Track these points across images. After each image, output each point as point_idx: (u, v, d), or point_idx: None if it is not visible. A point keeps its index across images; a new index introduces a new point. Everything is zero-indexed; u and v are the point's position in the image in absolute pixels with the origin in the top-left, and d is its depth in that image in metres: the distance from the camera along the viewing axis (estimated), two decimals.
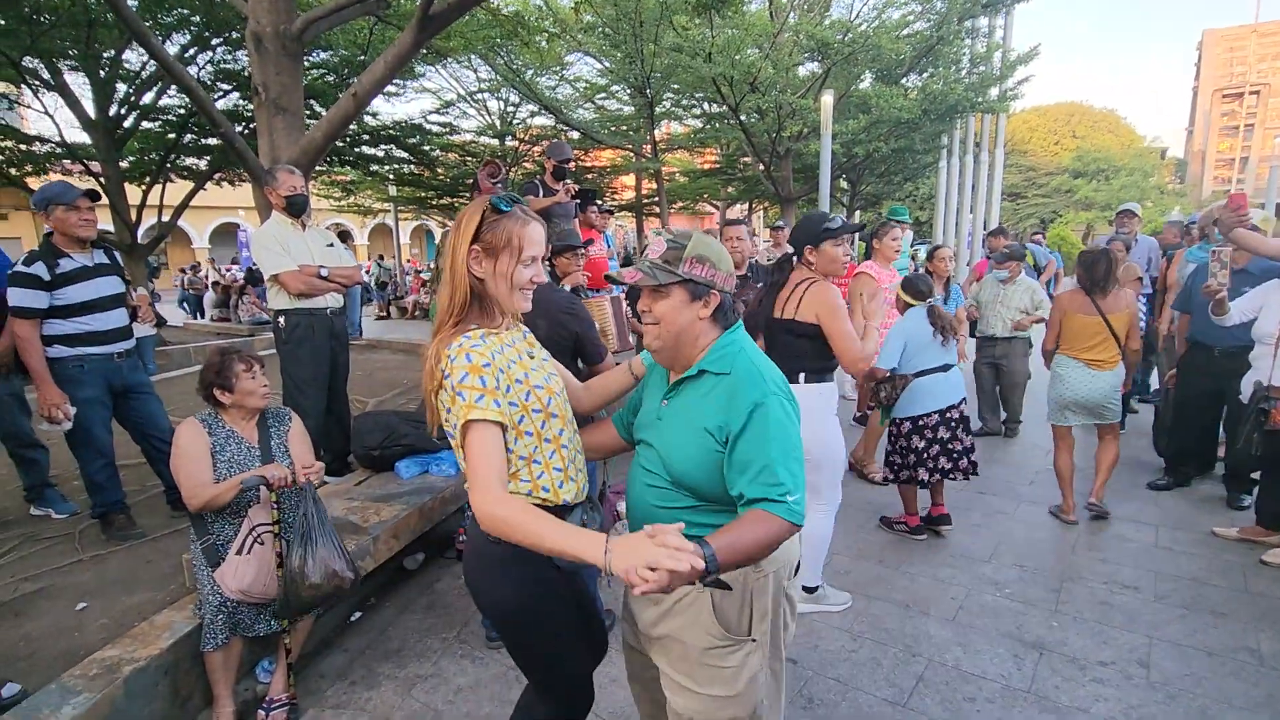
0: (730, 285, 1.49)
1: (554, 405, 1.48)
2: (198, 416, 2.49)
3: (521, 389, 1.43)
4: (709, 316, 1.46)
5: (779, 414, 1.34)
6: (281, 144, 4.20)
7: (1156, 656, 2.59)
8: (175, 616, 2.38)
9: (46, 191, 3.04)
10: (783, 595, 1.47)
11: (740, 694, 1.42)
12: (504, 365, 1.41)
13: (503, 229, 1.41)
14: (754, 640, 1.42)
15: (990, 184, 16.31)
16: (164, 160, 10.52)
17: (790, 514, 1.27)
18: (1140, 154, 43.58)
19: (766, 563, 1.40)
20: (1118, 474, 4.51)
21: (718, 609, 1.40)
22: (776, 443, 1.31)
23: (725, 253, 1.50)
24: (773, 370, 1.44)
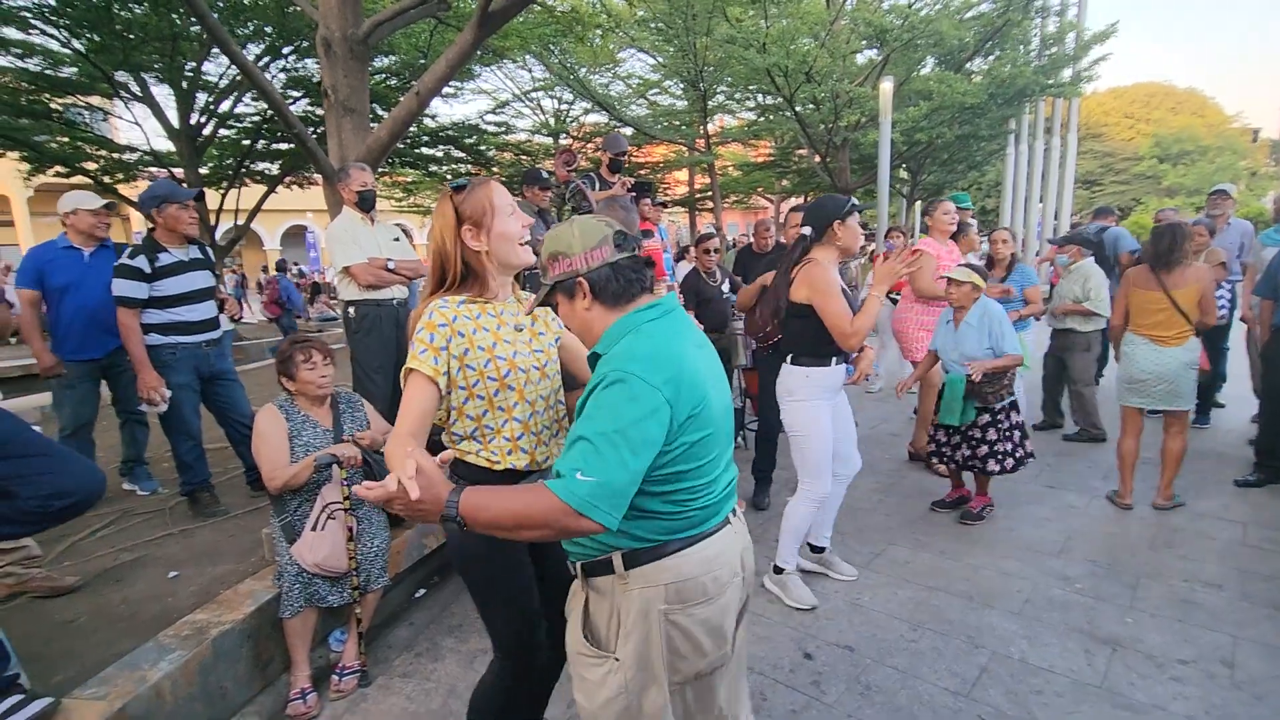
0: (599, 258, 1.33)
1: (512, 378, 1.56)
2: (276, 403, 2.64)
3: (482, 355, 1.53)
4: (593, 304, 1.35)
5: (616, 394, 1.19)
6: (349, 143, 4.38)
7: (1242, 656, 2.45)
8: (256, 586, 2.54)
9: (158, 190, 3.28)
10: (664, 621, 1.28)
11: (598, 710, 1.32)
12: (466, 330, 1.52)
13: (473, 199, 1.56)
14: (616, 659, 1.29)
15: (1062, 171, 15.58)
16: (239, 165, 11.11)
17: (564, 492, 1.14)
18: (1229, 135, 40.74)
19: (634, 577, 1.28)
20: (1202, 468, 4.30)
21: (589, 612, 1.36)
22: (597, 420, 1.18)
23: (582, 228, 1.35)
24: (653, 351, 1.24)
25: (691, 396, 1.24)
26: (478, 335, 1.54)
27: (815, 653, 2.55)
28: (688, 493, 1.29)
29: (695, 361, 1.29)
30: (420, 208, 20.40)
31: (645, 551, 1.29)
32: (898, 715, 2.21)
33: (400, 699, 2.41)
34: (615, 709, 1.30)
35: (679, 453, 1.25)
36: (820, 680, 2.40)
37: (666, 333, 1.31)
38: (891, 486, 4.22)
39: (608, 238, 1.34)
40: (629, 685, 1.29)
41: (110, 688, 1.96)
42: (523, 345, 1.61)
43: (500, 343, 1.56)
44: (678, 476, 1.27)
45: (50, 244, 3.55)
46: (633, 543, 1.29)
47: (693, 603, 1.29)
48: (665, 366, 1.22)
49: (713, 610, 1.31)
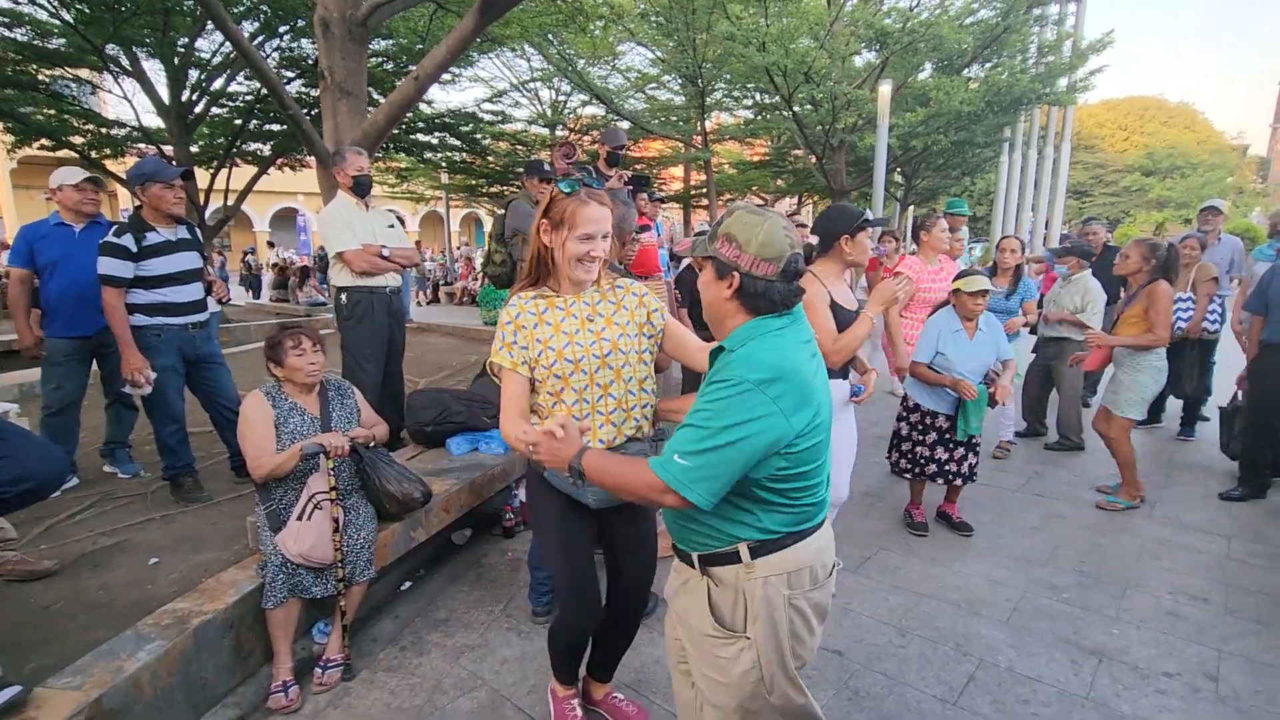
0: (766, 271, 1.35)
1: (558, 368, 1.73)
2: (263, 389, 2.59)
3: (537, 348, 1.73)
4: (733, 298, 1.38)
5: (728, 391, 1.28)
6: (345, 126, 4.32)
7: (1227, 670, 2.46)
8: (240, 575, 2.49)
9: (144, 167, 3.19)
10: (787, 606, 1.40)
11: (731, 683, 1.44)
12: (527, 324, 1.75)
13: (562, 207, 1.70)
14: (748, 638, 1.41)
15: (1055, 180, 15.69)
16: (230, 145, 10.94)
17: (661, 469, 1.31)
18: (1219, 151, 41.21)
19: (760, 566, 1.39)
20: (1187, 481, 4.36)
21: (713, 600, 1.46)
22: (705, 411, 1.30)
23: (768, 234, 1.35)
24: (775, 361, 1.30)
25: (809, 407, 1.32)
26: (537, 329, 1.74)
27: None
28: (804, 491, 1.40)
29: (811, 371, 1.37)
30: (414, 195, 20.26)
31: (770, 543, 1.40)
32: None
33: (384, 694, 2.38)
34: (752, 680, 1.42)
35: (799, 455, 1.34)
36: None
37: (788, 344, 1.36)
38: (883, 491, 4.22)
39: (783, 258, 1.36)
40: (760, 660, 1.41)
41: (86, 677, 1.91)
42: (587, 336, 1.75)
43: (557, 335, 1.74)
44: (798, 476, 1.37)
45: (43, 221, 3.48)
46: (759, 534, 1.40)
47: (807, 588, 1.43)
48: (786, 379, 1.29)
49: (822, 595, 1.46)
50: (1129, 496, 3.88)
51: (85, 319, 3.38)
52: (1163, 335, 3.71)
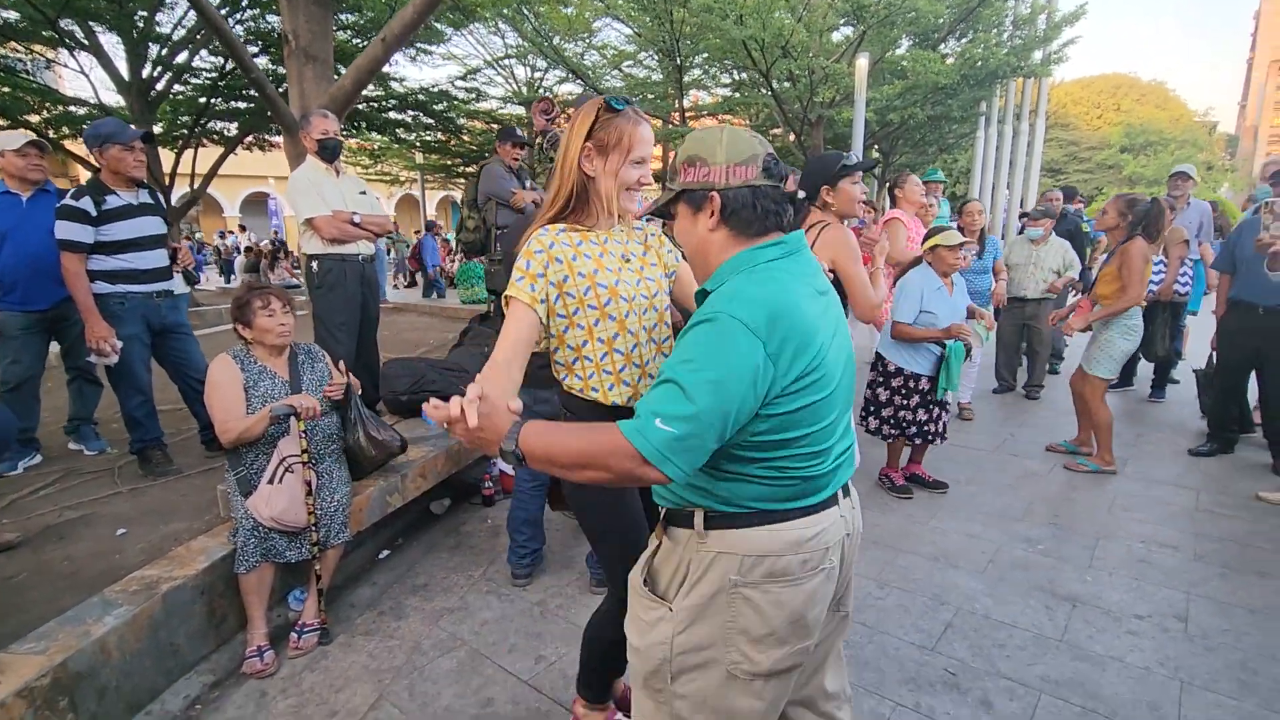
0: (741, 175, 1.16)
1: (613, 307, 1.49)
2: (230, 352, 2.52)
3: (582, 282, 1.47)
4: (720, 225, 1.18)
5: (711, 334, 1.06)
6: (311, 92, 4.20)
7: (1195, 612, 2.52)
8: (210, 542, 2.44)
9: (102, 128, 3.06)
10: (731, 592, 1.15)
11: (641, 649, 1.25)
12: (564, 256, 1.47)
13: (614, 127, 1.45)
14: (670, 609, 1.21)
15: (1029, 157, 15.79)
16: (196, 124, 10.63)
17: (637, 437, 1.03)
18: (1190, 128, 41.85)
19: (713, 539, 1.17)
20: (1158, 439, 4.45)
21: (655, 557, 1.29)
22: (685, 362, 1.06)
23: (731, 138, 1.18)
24: (764, 295, 1.09)
25: (803, 353, 1.08)
26: (577, 261, 1.48)
27: None
28: (792, 461, 1.14)
29: (811, 312, 1.12)
30: (388, 175, 19.90)
31: (730, 516, 1.17)
32: (865, 668, 2.22)
33: (362, 656, 2.35)
34: (657, 655, 1.22)
35: (787, 417, 1.10)
36: None
37: (783, 276, 1.14)
38: (861, 452, 4.25)
39: (757, 157, 1.16)
40: (674, 639, 1.20)
41: (51, 642, 1.86)
42: (629, 274, 1.54)
43: (602, 270, 1.50)
44: (785, 444, 1.12)
45: None
46: (719, 505, 1.17)
47: (773, 580, 1.15)
48: (775, 315, 1.06)
49: (793, 595, 1.16)
50: (1101, 461, 3.91)
51: (41, 291, 3.26)
52: (1134, 294, 3.73)
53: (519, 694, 2.13)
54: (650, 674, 1.25)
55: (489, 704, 2.09)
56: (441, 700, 2.12)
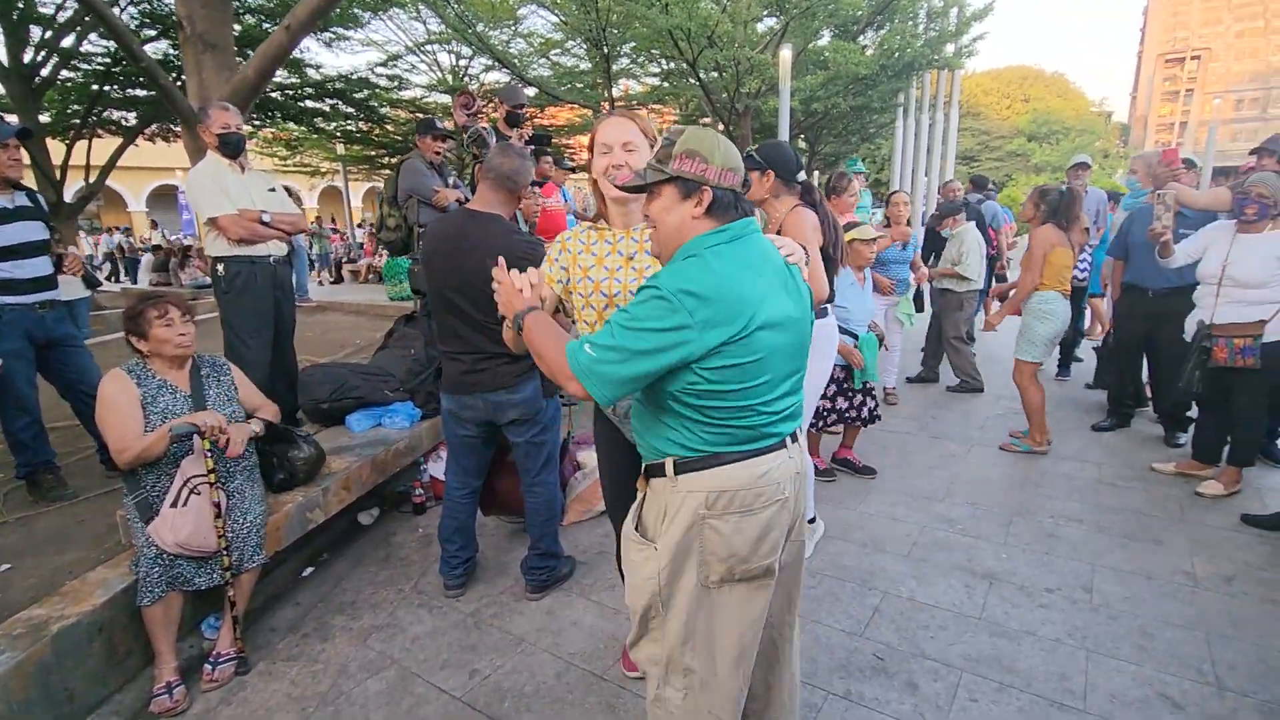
0: (730, 181, 1.37)
1: (595, 299, 1.76)
2: (124, 367, 2.35)
3: (579, 273, 1.78)
4: (703, 215, 1.37)
5: (651, 300, 1.27)
6: (212, 83, 3.92)
7: (1099, 582, 2.69)
8: (109, 573, 2.26)
9: None
10: (701, 524, 1.37)
11: (635, 586, 1.47)
12: (573, 249, 1.81)
13: (597, 127, 1.76)
14: (655, 548, 1.42)
15: (945, 146, 16.48)
16: (88, 113, 9.85)
17: (571, 356, 1.32)
18: (1088, 117, 44.57)
19: (683, 482, 1.39)
20: (1063, 416, 4.71)
21: (643, 506, 1.50)
22: (626, 314, 1.30)
23: (727, 147, 1.38)
24: (702, 276, 1.28)
25: (732, 324, 1.27)
26: (582, 256, 1.79)
27: None
28: (730, 413, 1.35)
29: (747, 286, 1.31)
30: (308, 167, 19.01)
31: (695, 461, 1.38)
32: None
33: (284, 684, 2.24)
34: (649, 589, 1.43)
35: (717, 373, 1.30)
36: None
37: (726, 258, 1.33)
38: None
39: (740, 170, 1.39)
40: (661, 572, 1.41)
41: None
42: (628, 274, 1.75)
43: (599, 266, 1.76)
44: (719, 394, 1.33)
45: None
46: (684, 451, 1.39)
47: (732, 511, 1.38)
48: (708, 293, 1.26)
49: (751, 523, 1.39)
50: (1033, 442, 4.09)
51: None
52: (1028, 278, 3.94)
53: (452, 712, 2.07)
54: (646, 608, 1.45)
55: None
56: None
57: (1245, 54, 65.00)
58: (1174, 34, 69.99)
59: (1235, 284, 3.19)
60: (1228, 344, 3.19)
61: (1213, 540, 2.99)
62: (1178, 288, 3.73)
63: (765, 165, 2.61)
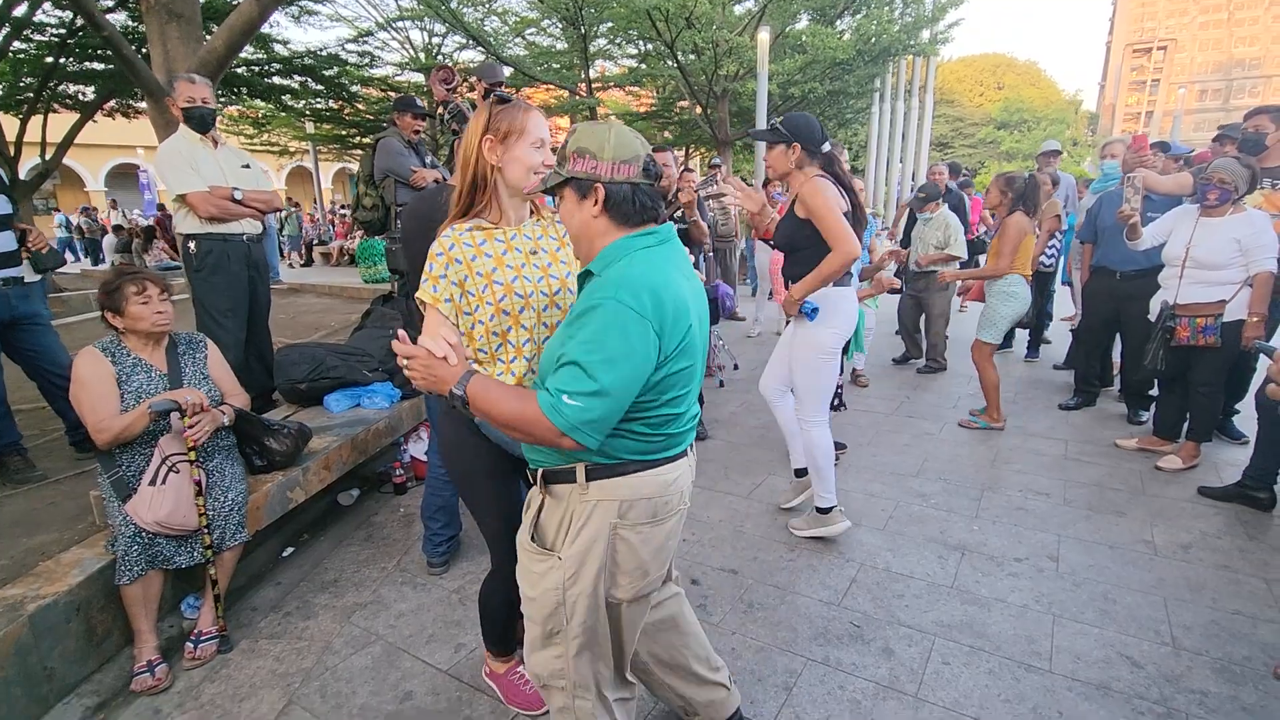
0: (625, 173, 1.30)
1: (507, 303, 1.55)
2: (98, 344, 2.30)
3: (480, 281, 1.54)
4: (602, 214, 1.32)
5: (604, 319, 1.20)
6: (178, 55, 3.80)
7: (1064, 551, 2.79)
8: (85, 553, 2.23)
9: None
10: (611, 534, 1.35)
11: (536, 598, 1.42)
12: (464, 256, 1.54)
13: (509, 115, 1.56)
14: (559, 558, 1.37)
15: (920, 132, 16.61)
16: (42, 87, 9.47)
17: (550, 409, 1.21)
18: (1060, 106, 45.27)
19: (594, 489, 1.34)
20: (1032, 395, 4.85)
21: (541, 515, 1.45)
22: (585, 345, 1.21)
23: (618, 137, 1.31)
24: (646, 279, 1.25)
25: (678, 326, 1.27)
26: (477, 261, 1.55)
27: (701, 578, 2.63)
28: (662, 419, 1.34)
29: (684, 292, 1.30)
30: (275, 146, 18.53)
31: (608, 467, 1.34)
32: (778, 628, 2.33)
33: (268, 660, 2.23)
34: (551, 601, 1.40)
35: (665, 380, 1.29)
36: (706, 603, 2.48)
37: (659, 261, 1.31)
38: (770, 424, 4.39)
39: (639, 158, 1.32)
40: (565, 582, 1.38)
41: None
42: (533, 271, 1.59)
43: (501, 268, 1.56)
44: (652, 404, 1.31)
45: None
46: (598, 458, 1.34)
47: (642, 522, 1.37)
48: (656, 296, 1.23)
49: (658, 532, 1.39)
50: (989, 419, 4.23)
51: None
52: (1000, 264, 4.04)
53: (439, 685, 2.10)
54: (547, 618, 1.42)
55: (408, 698, 2.05)
56: (357, 699, 2.05)
57: (1209, 45, 66.50)
58: (1142, 24, 71.19)
59: (1198, 265, 3.30)
60: (1190, 323, 3.31)
61: (1171, 511, 3.11)
62: (1144, 269, 3.84)
63: (791, 137, 2.63)
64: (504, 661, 2.02)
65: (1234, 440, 3.89)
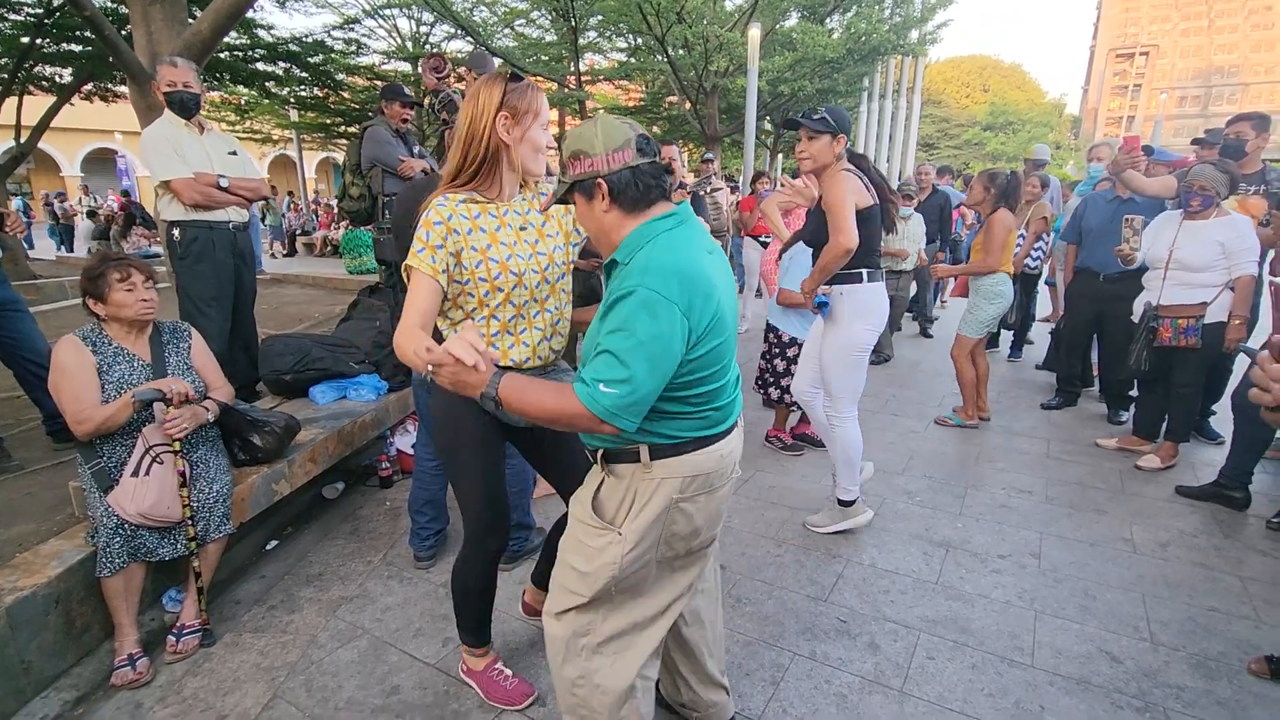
0: (620, 160, 1.32)
1: (502, 280, 1.61)
2: (78, 333, 2.25)
3: (475, 256, 1.59)
4: (612, 206, 1.35)
5: (634, 306, 1.24)
6: (161, 37, 3.72)
7: (1046, 548, 2.83)
8: (64, 545, 2.19)
9: None
10: (674, 508, 1.41)
11: (589, 573, 1.45)
12: (461, 228, 1.57)
13: (525, 95, 1.59)
14: (619, 534, 1.41)
15: (907, 132, 16.73)
16: (17, 68, 9.23)
17: (588, 398, 1.25)
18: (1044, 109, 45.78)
19: (659, 468, 1.39)
20: (1015, 395, 4.91)
21: (601, 492, 1.48)
22: (618, 333, 1.25)
23: (605, 127, 1.34)
24: (671, 263, 1.27)
25: (707, 306, 1.29)
26: (473, 235, 1.59)
27: None
28: (705, 397, 1.37)
29: (709, 270, 1.32)
30: (258, 134, 18.25)
31: (670, 447, 1.39)
32: (766, 622, 2.34)
33: (252, 654, 2.21)
34: (606, 575, 1.43)
35: (698, 360, 1.32)
36: None
37: (682, 242, 1.33)
38: (758, 421, 4.42)
39: (630, 140, 1.33)
40: (624, 557, 1.41)
41: None
42: (524, 248, 1.65)
43: (496, 245, 1.61)
44: (697, 382, 1.34)
45: None
46: (659, 439, 1.38)
47: (701, 492, 1.43)
48: (682, 279, 1.26)
49: (714, 500, 1.46)
50: (964, 415, 4.29)
51: None
52: (989, 260, 4.08)
53: (426, 678, 2.08)
54: (599, 593, 1.45)
55: (395, 691, 2.03)
56: (343, 693, 2.03)
57: (1189, 52, 67.48)
58: (1125, 29, 72.08)
59: (1181, 267, 3.36)
60: (1172, 324, 3.36)
61: (1150, 510, 3.17)
62: (1127, 272, 3.89)
63: (838, 129, 2.64)
64: (481, 657, 2.00)
65: (1210, 441, 3.97)
